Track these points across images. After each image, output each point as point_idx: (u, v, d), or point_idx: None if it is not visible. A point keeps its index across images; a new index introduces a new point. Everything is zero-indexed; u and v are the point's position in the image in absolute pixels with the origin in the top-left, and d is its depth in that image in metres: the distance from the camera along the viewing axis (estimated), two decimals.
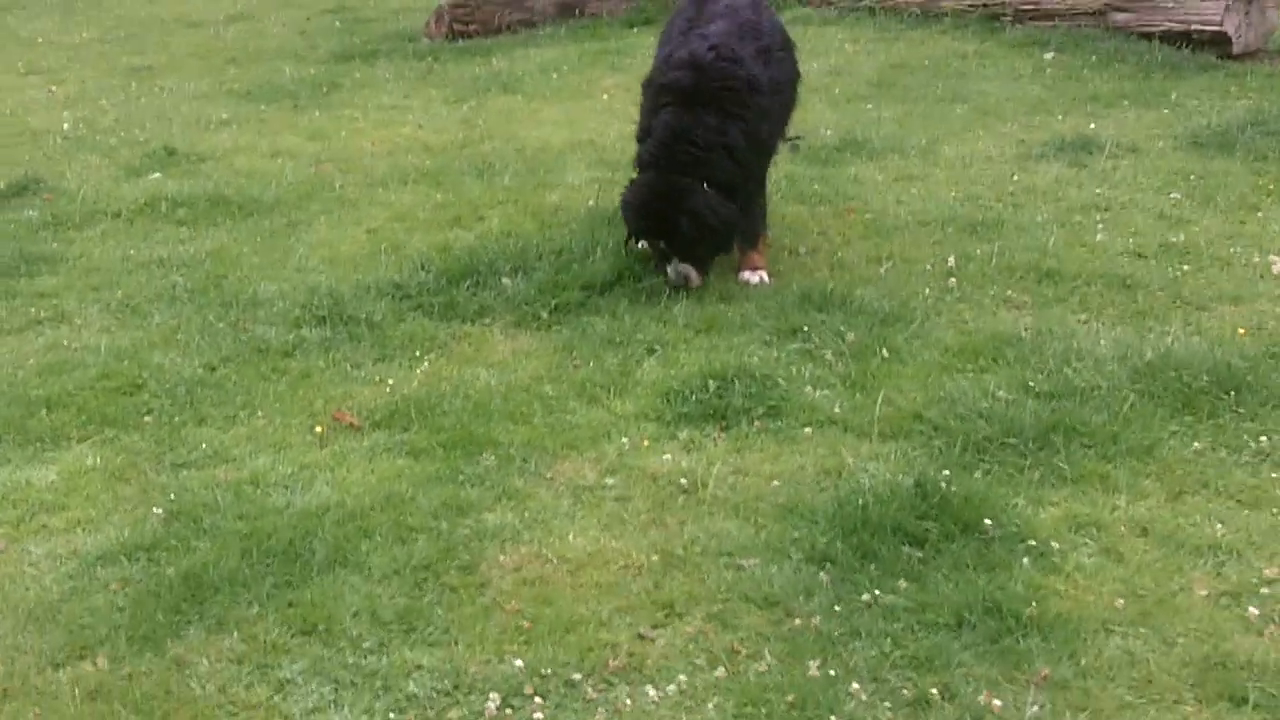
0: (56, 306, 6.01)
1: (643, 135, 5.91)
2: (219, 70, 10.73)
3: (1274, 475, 4.21)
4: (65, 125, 9.09)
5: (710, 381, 4.90)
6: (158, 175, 7.86)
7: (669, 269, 5.79)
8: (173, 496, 4.36)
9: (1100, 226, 6.29)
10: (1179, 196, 6.61)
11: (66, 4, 14.00)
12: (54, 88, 10.38)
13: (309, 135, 8.64)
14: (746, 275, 5.90)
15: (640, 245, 5.94)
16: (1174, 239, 6.08)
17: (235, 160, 8.13)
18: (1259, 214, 6.35)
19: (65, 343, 5.63)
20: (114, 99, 9.87)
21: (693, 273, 5.79)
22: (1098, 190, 6.77)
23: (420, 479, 4.42)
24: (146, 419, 4.92)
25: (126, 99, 9.87)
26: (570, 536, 4.09)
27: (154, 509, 4.29)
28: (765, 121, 5.79)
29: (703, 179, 5.65)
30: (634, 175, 5.90)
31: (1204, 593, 3.69)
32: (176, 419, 4.92)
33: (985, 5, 10.06)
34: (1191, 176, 6.85)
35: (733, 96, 5.67)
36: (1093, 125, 7.78)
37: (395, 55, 10.75)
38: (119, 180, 7.81)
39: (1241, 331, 5.12)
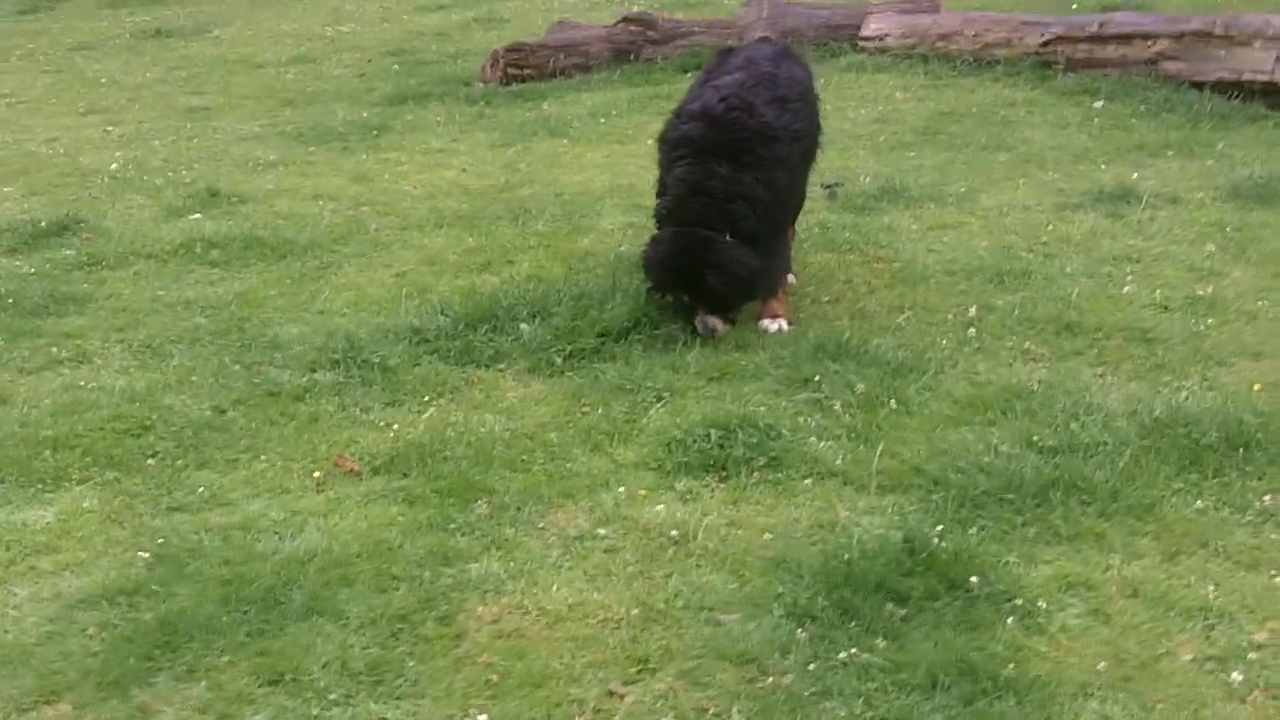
0: (79, 347, 6.07)
1: (661, 190, 5.91)
2: (274, 111, 10.86)
3: (1275, 536, 4.11)
4: (114, 165, 9.22)
5: (713, 431, 4.85)
6: (198, 216, 7.95)
7: (696, 321, 5.76)
8: (160, 541, 4.37)
9: (1129, 278, 6.18)
10: (1213, 249, 6.48)
11: (134, 45, 14.24)
12: (110, 127, 10.55)
13: (353, 178, 8.71)
14: (766, 323, 5.86)
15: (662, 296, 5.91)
16: (1202, 292, 5.95)
17: (276, 202, 8.21)
18: None
19: (82, 383, 5.68)
20: (166, 139, 10.01)
21: (719, 324, 5.76)
22: (1131, 241, 6.66)
23: (411, 527, 4.40)
24: (150, 461, 4.95)
25: (178, 139, 10.00)
26: (554, 588, 4.05)
27: (140, 553, 4.30)
28: (782, 169, 5.75)
29: (724, 230, 5.62)
30: (654, 230, 5.88)
31: (1189, 657, 3.59)
32: (179, 461, 4.95)
33: (1038, 54, 9.95)
34: (1228, 228, 6.71)
35: (745, 145, 5.65)
36: (1135, 175, 7.66)
37: (449, 98, 10.82)
38: (159, 221, 7.91)
39: (1258, 387, 5.00)
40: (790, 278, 6.21)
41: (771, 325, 5.85)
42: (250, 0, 16.80)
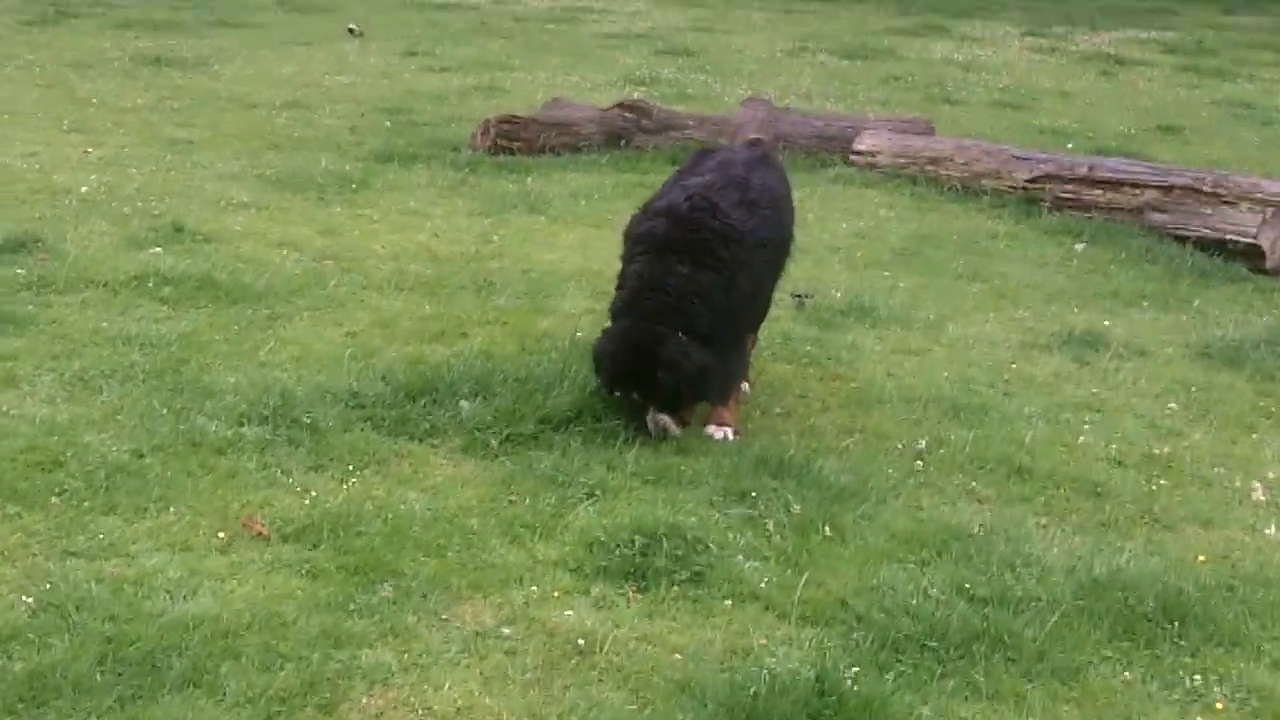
0: (10, 371, 5.90)
1: (620, 284, 5.81)
2: (257, 153, 10.74)
3: None
4: (85, 188, 9.08)
5: (638, 537, 4.69)
6: (158, 250, 7.80)
7: (648, 420, 5.63)
8: (49, 586, 4.19)
9: (1087, 427, 6.07)
10: (1175, 406, 6.38)
11: (131, 69, 14.13)
12: (90, 149, 10.41)
13: (322, 229, 8.58)
14: (712, 429, 5.72)
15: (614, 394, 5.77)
16: (1159, 450, 5.84)
17: (241, 245, 8.07)
18: (1254, 435, 6.11)
19: (5, 409, 5.51)
20: (144, 167, 9.87)
21: (671, 424, 5.62)
22: (1094, 389, 6.55)
23: (309, 602, 4.23)
24: (55, 499, 4.77)
25: (156, 169, 9.87)
26: (446, 686, 3.89)
27: (25, 596, 4.12)
28: (745, 274, 5.65)
29: (677, 328, 5.51)
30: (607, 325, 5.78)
31: None
32: (85, 503, 4.77)
33: (1025, 189, 9.90)
34: (1193, 388, 6.61)
35: (706, 246, 5.57)
36: (1107, 322, 7.57)
37: (434, 162, 10.71)
38: (118, 250, 7.76)
39: (1202, 558, 4.86)
40: (745, 386, 6.09)
41: (718, 433, 5.71)
42: (256, 40, 16.74)
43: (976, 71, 16.83)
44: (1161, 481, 5.55)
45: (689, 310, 5.51)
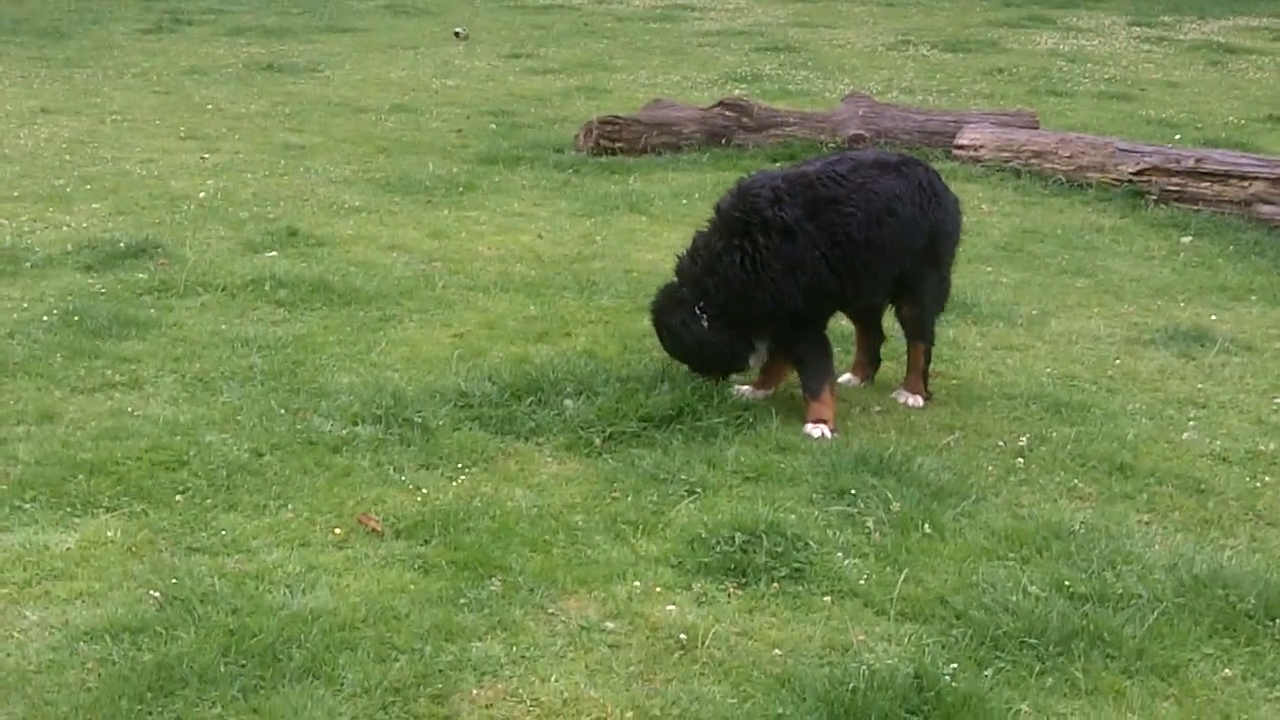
0: (134, 372, 6.14)
1: None
2: (367, 157, 10.98)
3: None
4: (203, 193, 9.37)
5: (738, 534, 4.78)
6: (273, 254, 8.04)
7: None
8: (174, 580, 4.37)
9: (1191, 424, 6.04)
10: None
11: (245, 75, 14.50)
12: (206, 155, 10.72)
13: (430, 232, 8.77)
14: (809, 428, 5.81)
15: None
16: (1264, 447, 5.80)
17: (352, 248, 8.28)
18: None
19: (130, 409, 5.74)
20: (258, 173, 10.15)
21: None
22: (1200, 385, 6.52)
23: (421, 596, 4.37)
24: (179, 498, 4.97)
25: (270, 174, 10.14)
26: (553, 679, 4.00)
27: (152, 591, 4.31)
28: (782, 264, 5.75)
29: (698, 297, 5.87)
30: None
31: None
32: (208, 501, 4.97)
33: (1131, 181, 9.83)
34: None
35: (744, 229, 5.79)
36: (1213, 316, 7.52)
37: (538, 163, 10.87)
38: (235, 254, 8.00)
39: None
40: (848, 377, 6.22)
41: (814, 430, 5.79)
42: (364, 44, 17.07)
43: (1082, 63, 16.67)
44: (1266, 479, 5.51)
45: (705, 286, 5.86)
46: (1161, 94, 14.73)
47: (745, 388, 6.12)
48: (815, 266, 5.79)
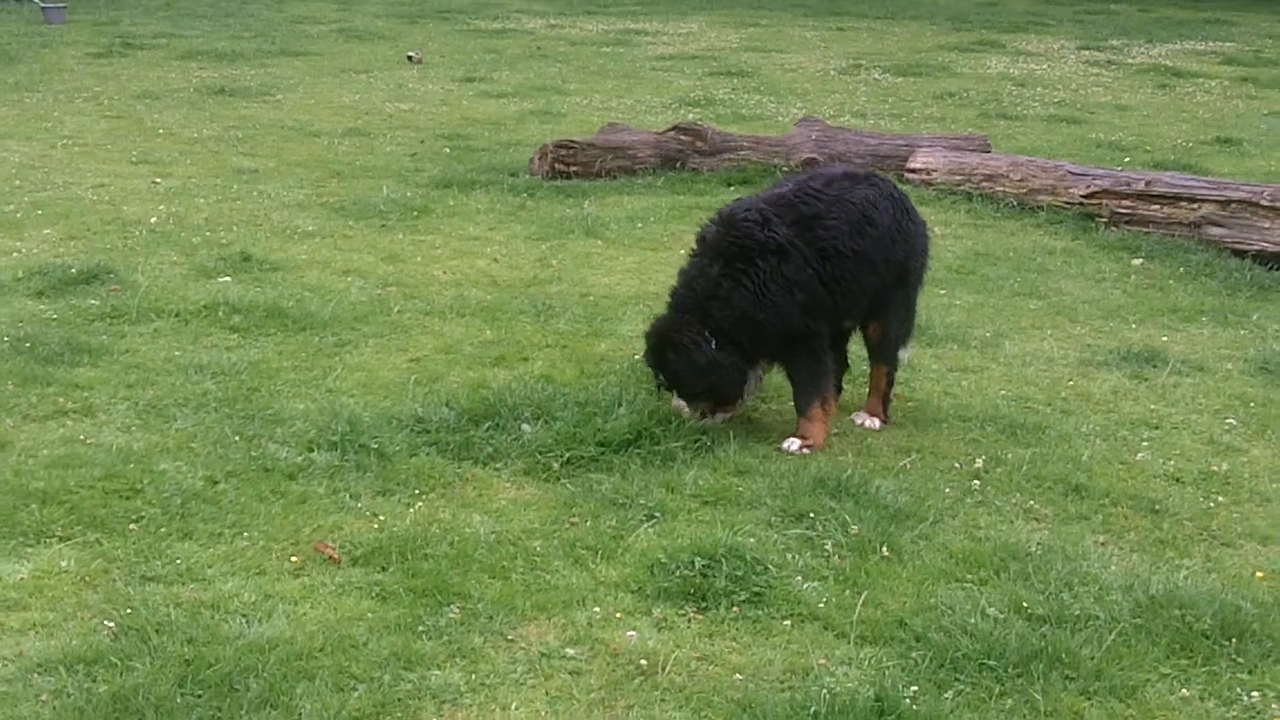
0: (86, 400, 6.08)
1: None
2: (321, 182, 10.93)
3: None
4: (154, 219, 9.30)
5: (698, 559, 4.78)
6: (227, 279, 7.99)
7: (672, 399, 6.05)
8: (130, 610, 4.33)
9: (1145, 445, 6.09)
10: (1234, 423, 6.39)
11: (197, 100, 14.41)
12: (159, 179, 10.65)
13: (385, 256, 8.74)
14: (787, 443, 5.89)
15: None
16: (1217, 467, 5.85)
17: (306, 273, 8.24)
18: None
19: (82, 437, 5.68)
20: (211, 198, 10.09)
21: (684, 408, 5.99)
22: (1152, 406, 6.57)
23: (379, 624, 4.34)
24: (133, 526, 4.92)
25: (223, 199, 10.08)
26: (513, 707, 3.98)
27: (107, 621, 4.26)
28: (788, 286, 5.83)
29: (702, 324, 5.88)
30: None
31: None
32: (162, 529, 4.92)
33: (1082, 204, 9.92)
34: (1252, 403, 6.62)
35: (741, 253, 5.85)
36: (1165, 338, 7.59)
37: (493, 187, 10.86)
38: (188, 280, 7.95)
39: (1260, 575, 4.88)
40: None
41: (791, 445, 5.89)
42: (317, 68, 17.02)
43: (1032, 86, 16.84)
44: (1220, 498, 5.56)
45: (711, 311, 5.88)
46: (1111, 117, 14.89)
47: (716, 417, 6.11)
48: (810, 283, 5.88)
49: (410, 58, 17.63)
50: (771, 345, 5.97)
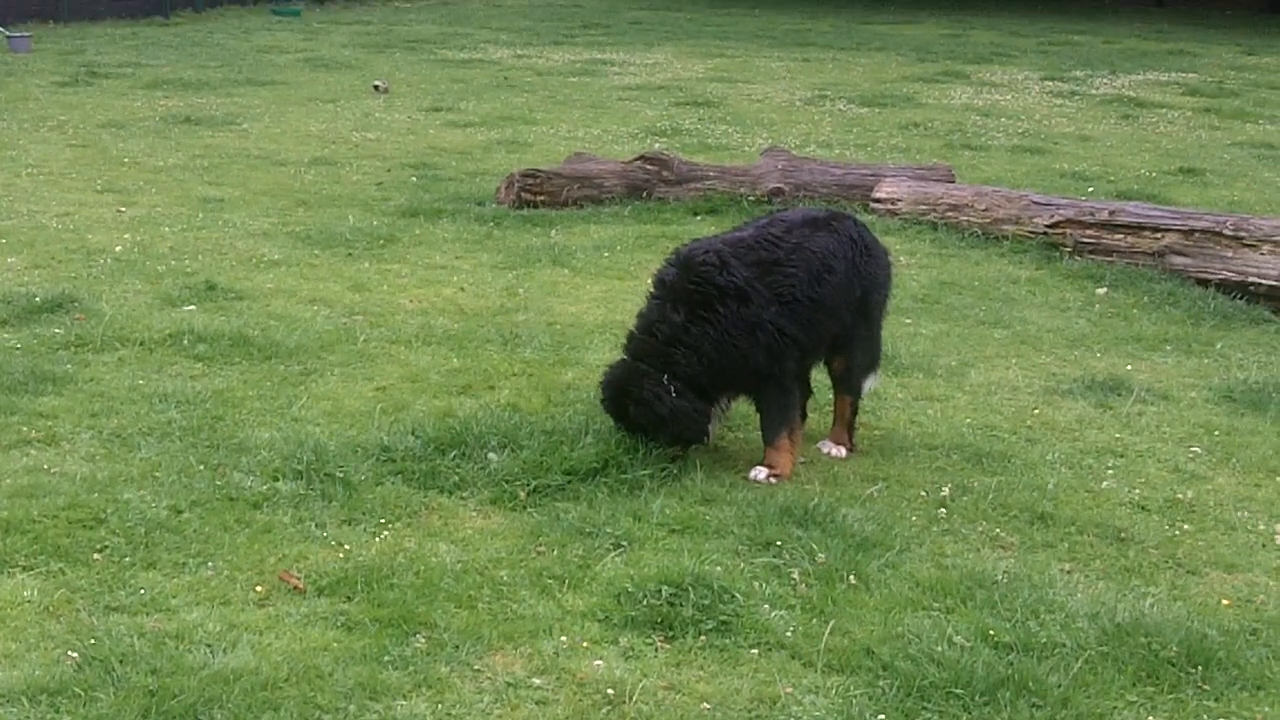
0: (50, 429, 6.03)
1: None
2: (287, 211, 10.91)
3: None
4: (119, 247, 9.26)
5: (665, 587, 4.77)
6: (192, 308, 7.96)
7: None
8: (93, 641, 4.29)
9: (1110, 473, 6.12)
10: (1199, 451, 6.43)
11: (162, 129, 14.36)
12: (124, 208, 10.60)
13: (352, 285, 8.72)
14: (754, 472, 5.92)
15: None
16: (1182, 495, 5.89)
17: (272, 302, 8.21)
18: (1278, 479, 6.15)
19: (46, 466, 5.64)
20: (176, 226, 10.05)
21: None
22: (1117, 435, 6.61)
23: (344, 655, 4.32)
24: (97, 556, 4.89)
25: (188, 228, 10.04)
26: None
27: (70, 651, 4.22)
28: (749, 330, 5.82)
29: (663, 371, 5.82)
30: None
31: None
32: (127, 559, 4.88)
33: (1046, 234, 9.99)
34: (1216, 432, 6.67)
35: (702, 299, 5.82)
36: (1129, 366, 7.64)
37: (460, 216, 10.85)
38: (153, 309, 7.91)
39: (1226, 602, 4.91)
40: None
41: (758, 474, 5.89)
42: (283, 98, 16.99)
43: (996, 117, 16.96)
44: (1185, 526, 5.60)
45: (674, 357, 5.83)
46: (1074, 147, 15.01)
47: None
48: (772, 324, 5.86)
49: (376, 87, 17.62)
50: (737, 385, 5.98)
